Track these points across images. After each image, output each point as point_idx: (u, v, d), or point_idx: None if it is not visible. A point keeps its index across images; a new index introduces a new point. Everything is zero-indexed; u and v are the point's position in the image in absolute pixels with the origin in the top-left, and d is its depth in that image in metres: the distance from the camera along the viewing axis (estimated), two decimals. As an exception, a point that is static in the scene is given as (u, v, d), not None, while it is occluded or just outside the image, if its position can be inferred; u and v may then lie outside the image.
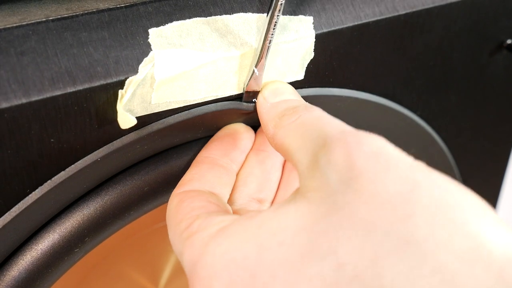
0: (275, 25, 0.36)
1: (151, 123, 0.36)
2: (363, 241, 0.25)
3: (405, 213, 0.25)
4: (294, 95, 0.38)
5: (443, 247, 0.24)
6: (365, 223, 0.25)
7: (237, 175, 0.40)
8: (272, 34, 0.36)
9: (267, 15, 0.35)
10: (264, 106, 0.37)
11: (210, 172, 0.38)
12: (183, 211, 0.33)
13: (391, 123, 0.49)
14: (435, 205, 0.25)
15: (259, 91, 0.38)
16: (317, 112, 0.33)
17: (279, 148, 0.33)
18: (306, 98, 0.41)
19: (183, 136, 0.39)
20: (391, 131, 0.50)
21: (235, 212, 0.37)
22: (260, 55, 0.37)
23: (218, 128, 0.40)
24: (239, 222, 0.29)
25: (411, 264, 0.24)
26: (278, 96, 0.37)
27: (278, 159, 0.40)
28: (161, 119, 0.36)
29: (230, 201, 0.39)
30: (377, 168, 0.27)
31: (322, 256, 0.25)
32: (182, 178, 0.38)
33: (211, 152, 0.39)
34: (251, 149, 0.40)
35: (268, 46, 0.36)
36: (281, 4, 0.35)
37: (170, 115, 0.37)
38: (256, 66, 0.37)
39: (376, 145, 0.28)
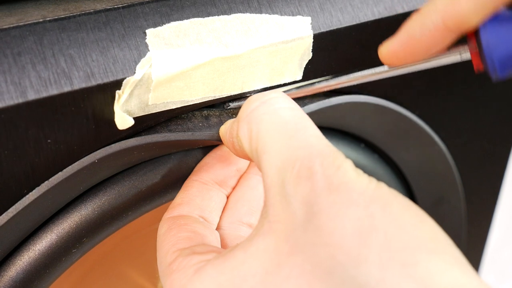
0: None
1: (151, 134, 0.36)
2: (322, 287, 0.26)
3: (360, 257, 0.26)
4: None
5: None
6: (324, 267, 0.26)
7: (228, 197, 0.40)
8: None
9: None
10: (225, 124, 0.37)
11: (199, 196, 0.38)
12: (170, 241, 0.34)
13: (390, 123, 0.49)
14: (388, 246, 0.26)
15: None
16: (295, 110, 0.32)
17: (245, 146, 0.32)
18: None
19: (181, 148, 0.40)
20: (390, 132, 0.50)
21: (223, 237, 0.38)
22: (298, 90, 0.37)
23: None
24: (214, 265, 0.30)
25: None
26: None
27: None
28: (162, 133, 0.36)
29: (219, 225, 0.39)
30: (338, 205, 0.27)
31: None
32: (172, 202, 0.38)
33: (201, 177, 0.39)
34: (246, 171, 0.40)
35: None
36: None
37: (171, 129, 0.37)
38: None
39: (342, 175, 0.28)
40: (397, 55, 0.34)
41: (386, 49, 0.34)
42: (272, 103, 0.32)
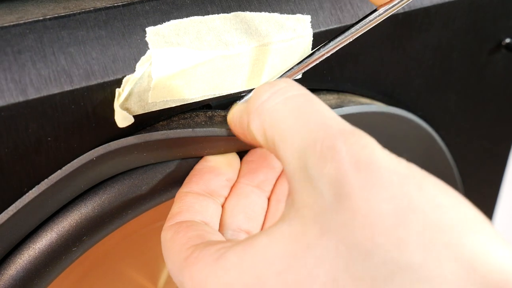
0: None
1: (151, 132, 0.36)
2: (361, 269, 0.25)
3: (400, 238, 0.25)
4: None
5: (437, 274, 0.24)
6: (361, 249, 0.25)
7: (222, 207, 0.39)
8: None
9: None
10: (233, 112, 0.35)
11: (196, 203, 0.38)
12: (180, 241, 0.33)
13: (391, 124, 0.49)
14: (428, 227, 0.25)
15: None
16: (307, 95, 0.31)
17: (259, 140, 0.32)
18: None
19: (184, 151, 0.39)
20: (390, 131, 0.50)
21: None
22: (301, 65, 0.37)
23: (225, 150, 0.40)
24: (235, 251, 0.29)
25: None
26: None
27: (264, 192, 0.40)
28: (161, 131, 0.36)
29: (220, 232, 0.38)
30: (370, 184, 0.26)
31: (321, 284, 0.26)
32: (170, 212, 0.37)
33: (192, 188, 0.38)
34: (236, 181, 0.40)
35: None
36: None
37: (171, 128, 0.37)
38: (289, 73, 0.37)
39: (369, 153, 0.27)
40: None
41: None
42: (283, 92, 0.31)
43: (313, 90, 0.43)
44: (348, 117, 0.44)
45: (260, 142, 0.32)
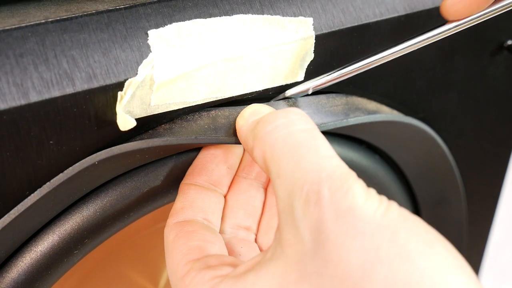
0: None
1: (153, 138, 0.36)
2: None
3: None
4: None
5: None
6: None
7: (225, 197, 0.40)
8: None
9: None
10: (244, 125, 0.36)
11: (199, 198, 0.38)
12: (180, 251, 0.34)
13: (392, 127, 0.49)
14: (391, 280, 0.26)
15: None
16: (310, 131, 0.32)
17: (260, 166, 0.33)
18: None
19: (189, 148, 0.40)
20: (392, 133, 0.50)
21: (226, 242, 0.38)
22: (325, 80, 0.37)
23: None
24: (226, 285, 0.30)
25: None
26: (259, 115, 0.36)
27: (260, 184, 0.41)
28: (164, 137, 0.36)
29: (221, 229, 0.39)
30: (345, 234, 0.27)
31: None
32: (173, 207, 0.38)
33: (195, 180, 0.39)
34: (236, 174, 0.40)
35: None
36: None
37: (174, 132, 0.37)
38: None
39: (350, 200, 0.28)
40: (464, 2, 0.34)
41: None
42: (287, 125, 0.32)
43: (321, 92, 0.43)
44: (352, 127, 0.44)
45: (261, 168, 0.33)
